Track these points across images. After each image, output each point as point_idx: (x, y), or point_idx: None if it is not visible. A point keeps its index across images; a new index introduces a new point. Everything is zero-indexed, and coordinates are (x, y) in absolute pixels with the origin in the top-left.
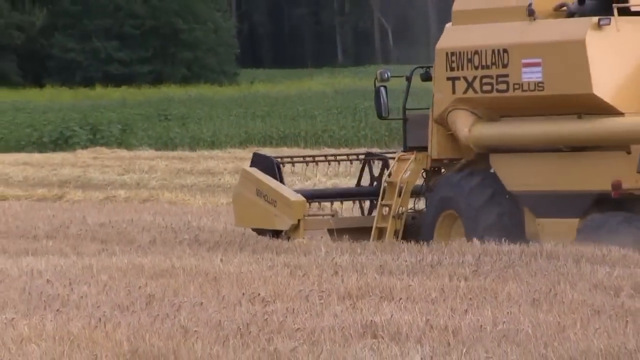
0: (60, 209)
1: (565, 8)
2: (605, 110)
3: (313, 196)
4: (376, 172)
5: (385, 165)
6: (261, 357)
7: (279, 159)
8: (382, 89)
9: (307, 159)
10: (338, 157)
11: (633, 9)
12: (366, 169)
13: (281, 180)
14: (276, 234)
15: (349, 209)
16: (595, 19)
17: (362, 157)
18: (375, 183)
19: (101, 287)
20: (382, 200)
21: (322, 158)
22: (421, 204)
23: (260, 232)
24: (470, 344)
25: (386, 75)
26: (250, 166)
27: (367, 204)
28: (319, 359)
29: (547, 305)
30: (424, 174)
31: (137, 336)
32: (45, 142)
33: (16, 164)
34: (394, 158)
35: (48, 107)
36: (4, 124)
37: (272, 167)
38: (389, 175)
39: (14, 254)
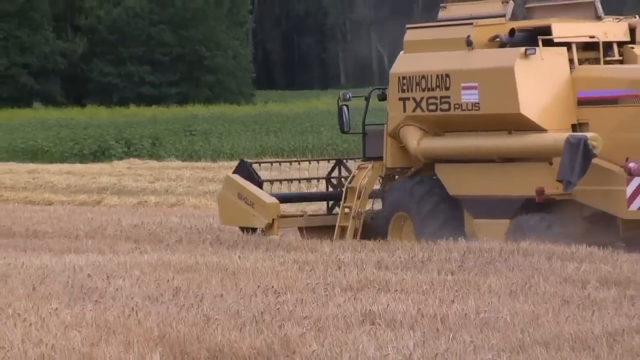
0: (99, 212)
1: (498, 39)
2: (531, 127)
3: (285, 199)
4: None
5: (341, 169)
6: (274, 341)
7: (255, 164)
8: (345, 107)
9: (283, 163)
10: (310, 161)
11: (556, 40)
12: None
13: (258, 181)
14: (253, 230)
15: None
16: (522, 49)
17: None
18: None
19: (134, 281)
20: (344, 202)
21: (296, 163)
22: (378, 206)
23: (244, 229)
24: (457, 330)
25: (348, 96)
26: (233, 173)
27: (330, 204)
28: (324, 343)
29: (523, 296)
30: (380, 180)
31: (165, 323)
32: (85, 154)
33: (60, 173)
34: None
35: (88, 124)
36: (50, 138)
37: (249, 171)
38: (350, 181)
39: (58, 252)
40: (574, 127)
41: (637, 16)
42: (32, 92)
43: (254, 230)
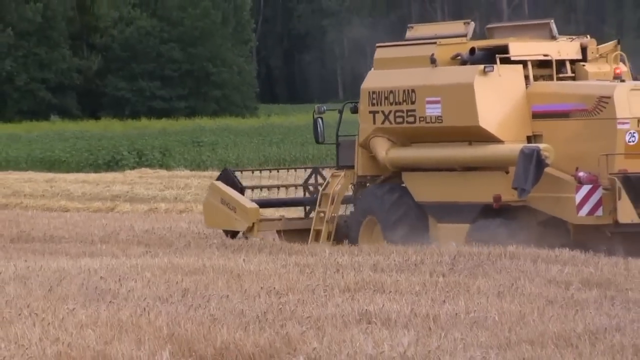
0: (112, 218)
1: (459, 57)
2: (489, 139)
3: (265, 204)
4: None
5: (317, 176)
6: (276, 339)
7: (237, 172)
8: (319, 120)
9: (263, 172)
10: (288, 169)
11: (513, 58)
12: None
13: (240, 187)
14: (235, 233)
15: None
16: (481, 66)
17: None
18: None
19: (145, 282)
20: (318, 207)
21: (275, 171)
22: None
23: (227, 232)
24: (448, 329)
25: (322, 109)
26: (217, 179)
27: (307, 209)
28: (323, 340)
29: (510, 297)
30: (352, 187)
31: (174, 322)
32: (99, 164)
33: (76, 182)
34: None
35: (102, 136)
36: (67, 149)
37: (232, 178)
38: (324, 187)
39: (74, 255)
40: (529, 139)
41: (588, 36)
42: (50, 106)
43: (236, 233)
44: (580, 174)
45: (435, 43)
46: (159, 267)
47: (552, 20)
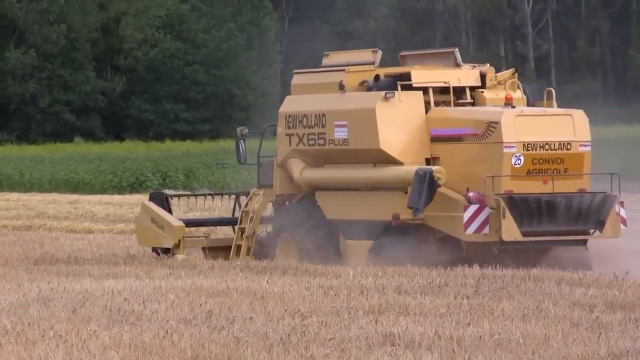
0: (136, 240)
1: (366, 84)
2: (390, 161)
3: (190, 223)
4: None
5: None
6: None
7: (169, 195)
8: (242, 141)
9: (191, 197)
10: (214, 194)
11: (414, 85)
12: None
13: (169, 210)
14: (166, 251)
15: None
16: (383, 92)
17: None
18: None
19: (169, 304)
20: (239, 224)
21: (202, 196)
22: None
23: (155, 250)
24: (472, 351)
25: (245, 131)
26: (149, 200)
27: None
28: None
29: (534, 319)
30: (272, 205)
31: (198, 345)
32: (123, 186)
33: (100, 204)
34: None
35: (126, 157)
36: (91, 170)
37: (162, 199)
38: (245, 205)
39: (98, 277)
40: (428, 161)
41: (488, 64)
42: (74, 127)
43: (166, 250)
44: (470, 194)
45: (344, 70)
46: (182, 288)
47: (457, 49)
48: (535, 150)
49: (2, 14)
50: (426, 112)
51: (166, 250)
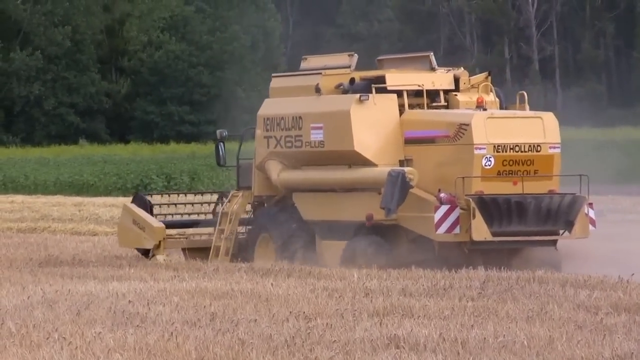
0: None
1: (342, 87)
2: (364, 162)
3: (170, 224)
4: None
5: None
6: None
7: (150, 198)
8: (221, 144)
9: (172, 196)
10: (196, 195)
11: (389, 88)
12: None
13: (151, 212)
14: (147, 252)
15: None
16: (358, 95)
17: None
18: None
19: (173, 307)
20: (218, 225)
21: (183, 196)
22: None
23: (140, 251)
24: (476, 354)
25: (224, 134)
26: (131, 202)
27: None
28: None
29: (539, 322)
30: (251, 206)
31: (202, 347)
32: (128, 188)
33: (104, 206)
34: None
35: (131, 160)
36: (95, 173)
37: (144, 200)
38: (224, 206)
39: (102, 279)
40: (402, 163)
41: (462, 68)
42: (79, 130)
43: (147, 252)
44: (442, 195)
45: (320, 73)
46: (187, 291)
47: (432, 53)
48: (506, 151)
49: (6, 16)
50: (400, 114)
51: (146, 252)
